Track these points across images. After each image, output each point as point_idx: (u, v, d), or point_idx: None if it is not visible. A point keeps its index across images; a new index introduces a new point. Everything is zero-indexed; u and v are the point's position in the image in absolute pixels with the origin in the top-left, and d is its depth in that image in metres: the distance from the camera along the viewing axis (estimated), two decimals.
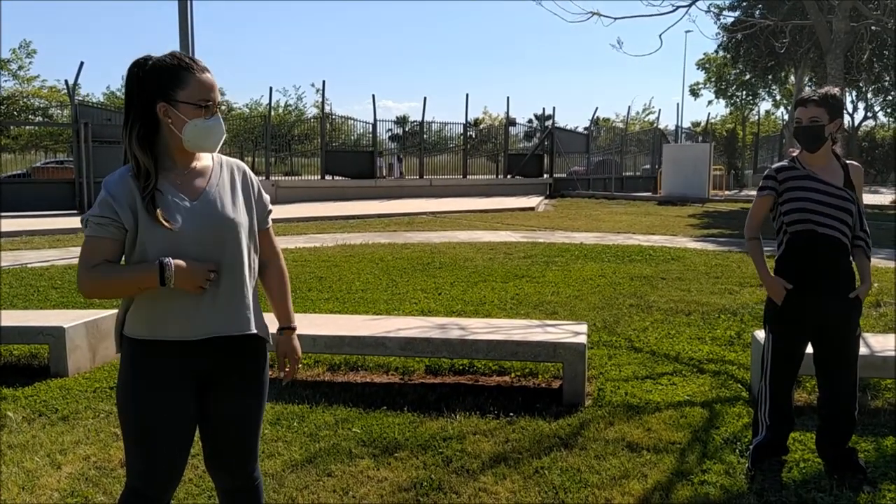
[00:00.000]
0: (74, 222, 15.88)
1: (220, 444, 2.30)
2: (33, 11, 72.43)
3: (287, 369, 2.42)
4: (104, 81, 72.82)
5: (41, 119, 32.33)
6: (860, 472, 3.38)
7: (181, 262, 2.06)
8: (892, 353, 4.35)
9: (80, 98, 23.39)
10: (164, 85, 2.09)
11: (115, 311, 5.10)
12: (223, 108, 2.18)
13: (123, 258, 2.14)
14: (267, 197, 2.38)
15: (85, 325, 5.23)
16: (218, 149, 2.20)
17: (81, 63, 19.93)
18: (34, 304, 7.40)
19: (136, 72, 2.11)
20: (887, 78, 34.62)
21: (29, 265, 10.17)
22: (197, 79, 2.10)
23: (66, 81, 21.01)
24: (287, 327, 2.40)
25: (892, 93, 40.33)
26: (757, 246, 3.45)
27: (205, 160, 2.24)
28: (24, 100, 35.29)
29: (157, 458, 2.16)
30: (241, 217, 2.22)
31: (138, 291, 2.10)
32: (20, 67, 36.96)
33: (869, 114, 48.85)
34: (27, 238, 13.78)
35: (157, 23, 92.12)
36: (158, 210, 2.07)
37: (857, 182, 3.36)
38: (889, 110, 44.48)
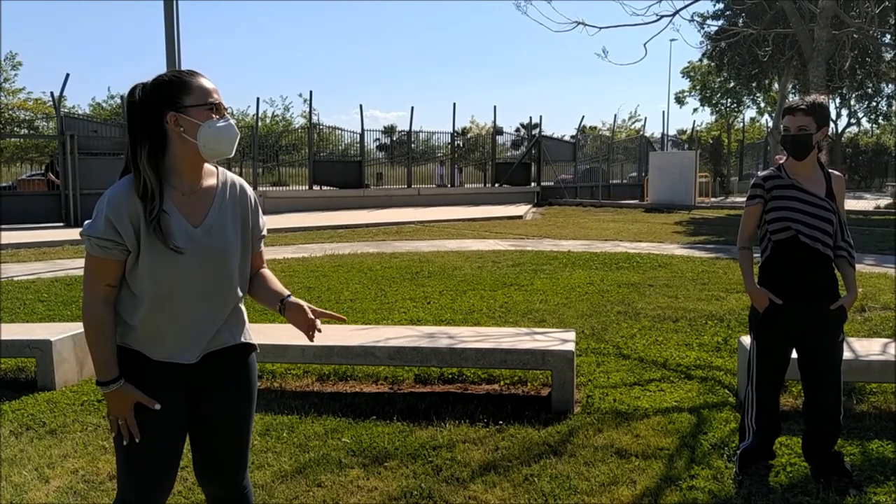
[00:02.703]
0: (60, 234, 15.84)
1: (210, 453, 2.31)
2: (19, 22, 72.11)
3: (315, 319, 2.21)
4: (90, 93, 72.80)
5: (27, 131, 32.15)
6: (846, 476, 3.42)
7: (121, 396, 2.09)
8: (877, 358, 4.39)
9: (66, 110, 23.28)
10: (169, 95, 2.09)
11: None
12: (230, 111, 2.19)
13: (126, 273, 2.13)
14: (264, 220, 2.38)
15: (72, 338, 5.20)
16: (234, 151, 2.18)
17: (67, 75, 19.88)
18: (20, 318, 7.35)
19: (136, 94, 2.11)
20: (870, 85, 35.04)
21: (15, 278, 10.10)
22: (198, 83, 2.12)
23: (51, 93, 20.92)
24: (286, 297, 2.28)
25: (875, 99, 40.79)
26: (747, 256, 3.49)
27: (211, 179, 2.23)
28: (10, 112, 35.06)
29: (148, 469, 2.16)
30: (239, 242, 2.24)
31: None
32: (5, 80, 36.78)
33: (852, 120, 49.36)
34: (13, 251, 13.69)
35: (144, 33, 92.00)
36: (167, 236, 2.06)
37: (839, 191, 3.40)
38: (872, 116, 44.95)
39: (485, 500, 3.36)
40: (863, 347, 4.63)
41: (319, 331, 2.19)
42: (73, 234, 15.82)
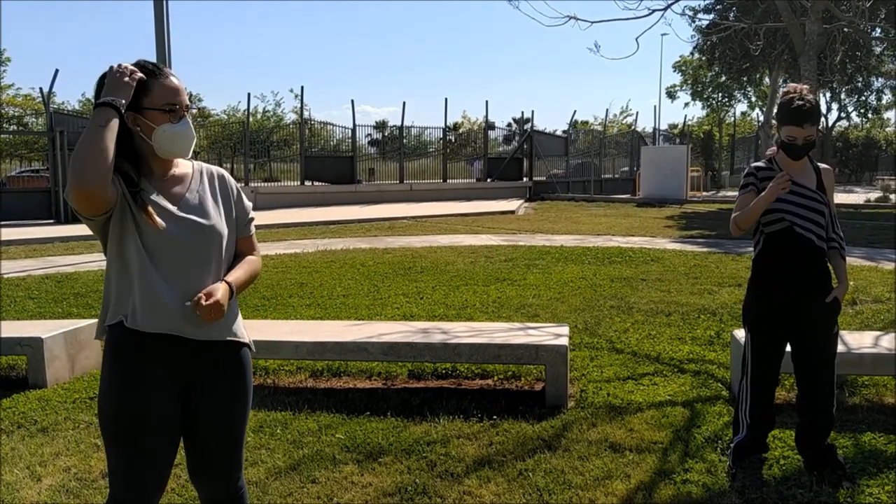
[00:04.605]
0: (50, 231, 15.76)
1: (204, 452, 2.29)
2: (7, 18, 71.57)
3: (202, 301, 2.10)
4: (79, 89, 72.20)
5: (16, 128, 31.92)
6: (839, 469, 3.43)
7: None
8: (869, 351, 4.41)
9: (56, 106, 23.10)
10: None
11: (94, 320, 5.07)
12: (194, 112, 2.16)
13: (101, 244, 2.16)
14: (249, 204, 2.37)
15: (63, 335, 5.17)
16: (190, 153, 2.19)
17: (56, 70, 19.73)
18: (11, 315, 7.30)
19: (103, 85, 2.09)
20: (860, 79, 35.10)
21: (5, 275, 10.03)
22: (161, 84, 2.11)
23: (40, 89, 20.80)
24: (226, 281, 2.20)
25: (865, 93, 40.89)
26: (747, 200, 3.33)
27: (183, 167, 2.24)
28: None
29: (140, 467, 2.14)
30: (220, 224, 2.22)
31: (104, 133, 1.97)
32: None
33: (843, 114, 49.47)
34: (3, 248, 13.59)
35: (133, 28, 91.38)
36: (150, 208, 2.07)
37: (829, 184, 3.41)
38: (862, 111, 45.05)
39: (479, 494, 3.36)
40: (855, 340, 4.65)
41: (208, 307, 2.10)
42: (64, 230, 15.74)
